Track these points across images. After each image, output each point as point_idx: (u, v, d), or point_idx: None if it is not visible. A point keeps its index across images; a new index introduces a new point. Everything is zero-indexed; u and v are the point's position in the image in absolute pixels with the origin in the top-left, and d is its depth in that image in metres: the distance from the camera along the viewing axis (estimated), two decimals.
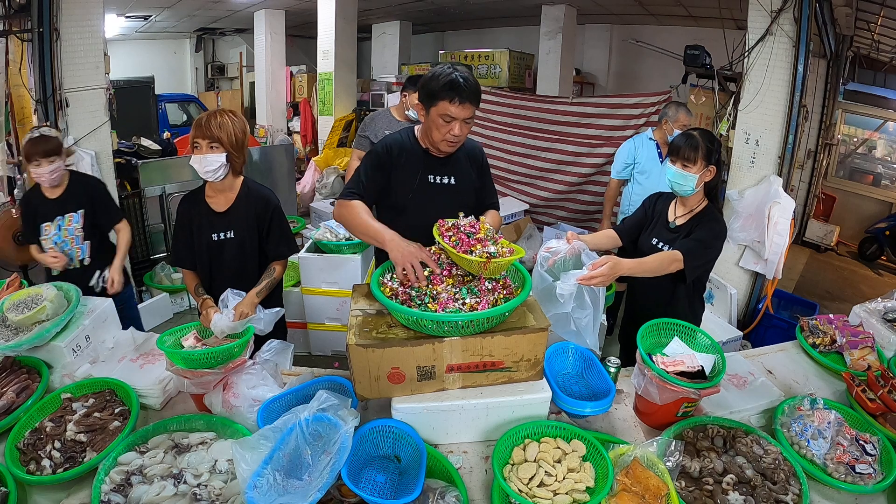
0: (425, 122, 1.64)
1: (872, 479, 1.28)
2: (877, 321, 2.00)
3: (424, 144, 1.71)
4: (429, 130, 1.63)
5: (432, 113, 1.58)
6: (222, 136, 1.72)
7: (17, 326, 1.69)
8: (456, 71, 1.54)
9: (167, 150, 4.96)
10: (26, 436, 1.35)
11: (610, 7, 6.95)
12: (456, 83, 1.51)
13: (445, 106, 1.53)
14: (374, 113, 3.33)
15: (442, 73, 1.55)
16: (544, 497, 1.12)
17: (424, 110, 1.62)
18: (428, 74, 1.60)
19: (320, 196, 5.98)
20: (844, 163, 6.62)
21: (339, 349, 3.19)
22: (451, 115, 1.54)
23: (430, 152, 1.72)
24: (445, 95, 1.52)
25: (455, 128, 1.57)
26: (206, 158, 1.72)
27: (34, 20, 2.96)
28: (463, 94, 1.52)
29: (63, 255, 2.22)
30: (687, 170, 1.78)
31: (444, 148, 1.65)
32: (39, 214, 2.22)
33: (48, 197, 2.22)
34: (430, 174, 1.72)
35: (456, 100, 1.52)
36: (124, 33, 9.48)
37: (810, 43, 2.91)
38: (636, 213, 2.12)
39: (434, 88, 1.54)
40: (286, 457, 1.13)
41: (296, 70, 8.89)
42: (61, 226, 2.24)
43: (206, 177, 1.76)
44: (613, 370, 1.56)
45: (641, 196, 3.18)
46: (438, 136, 1.60)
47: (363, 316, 1.40)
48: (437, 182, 1.73)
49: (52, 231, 2.22)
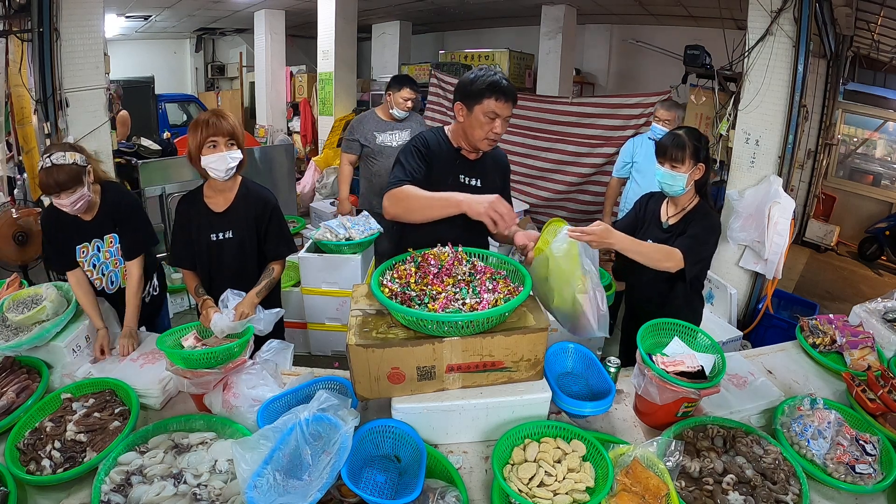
0: (466, 121, 1.67)
1: (872, 479, 1.28)
2: (877, 321, 2.00)
3: (457, 144, 1.75)
4: (470, 129, 1.67)
5: (476, 111, 1.62)
6: (237, 132, 1.76)
7: (17, 326, 1.69)
8: (497, 73, 1.63)
9: (167, 150, 4.97)
10: (26, 436, 1.35)
11: (610, 7, 6.95)
12: (500, 83, 1.60)
13: (491, 104, 1.59)
14: (360, 116, 3.36)
15: (484, 74, 1.62)
16: (544, 497, 1.12)
17: (466, 109, 1.65)
18: (468, 77, 1.65)
19: (320, 196, 5.97)
20: (844, 163, 6.62)
21: (339, 349, 3.19)
22: (495, 113, 1.60)
23: (462, 152, 1.75)
24: (491, 94, 1.59)
25: (497, 125, 1.63)
26: (228, 156, 1.74)
27: (34, 20, 2.96)
28: (507, 93, 1.60)
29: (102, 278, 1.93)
30: (676, 170, 1.79)
31: (484, 146, 1.69)
32: (74, 235, 1.90)
33: (83, 218, 1.89)
34: (462, 174, 1.76)
35: (501, 98, 1.59)
36: (124, 33, 9.48)
37: (810, 43, 2.91)
38: (628, 214, 2.13)
39: (479, 88, 1.60)
40: (286, 457, 1.13)
41: (296, 70, 8.89)
42: (100, 247, 1.95)
43: (223, 175, 1.77)
44: (613, 370, 1.56)
45: (638, 194, 3.18)
46: (481, 133, 1.65)
47: (363, 316, 1.40)
48: (467, 183, 1.76)
49: (91, 252, 1.94)
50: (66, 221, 1.86)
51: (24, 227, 3.25)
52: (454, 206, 1.50)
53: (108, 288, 2.00)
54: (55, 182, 1.69)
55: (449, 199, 1.52)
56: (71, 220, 1.87)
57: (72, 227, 1.89)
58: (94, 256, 1.95)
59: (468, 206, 1.47)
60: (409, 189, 1.59)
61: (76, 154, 1.75)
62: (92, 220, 1.90)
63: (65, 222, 1.87)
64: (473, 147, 1.72)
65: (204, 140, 1.72)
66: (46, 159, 1.71)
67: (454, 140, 1.76)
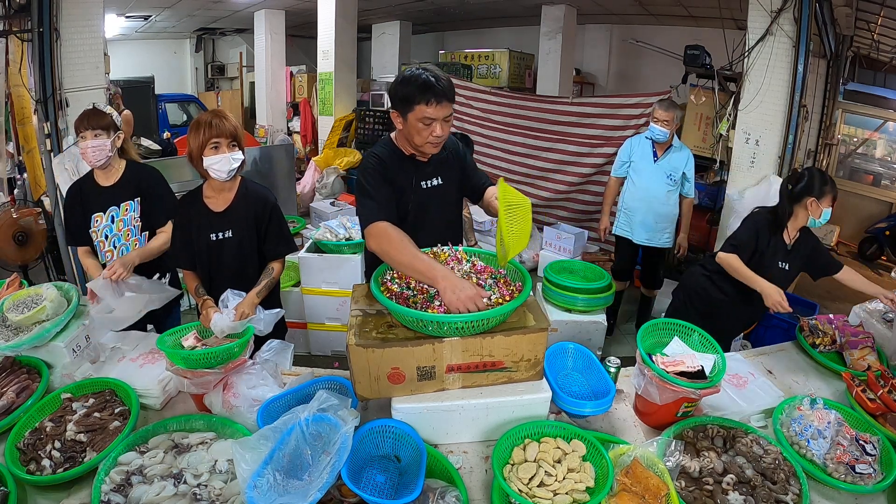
0: (404, 128, 1.58)
1: (872, 479, 1.28)
2: (877, 321, 2.00)
3: (408, 152, 1.67)
4: (410, 137, 1.58)
5: (410, 119, 1.52)
6: (238, 133, 1.77)
7: (17, 326, 1.69)
8: (426, 72, 1.50)
9: (167, 150, 4.98)
10: (26, 436, 1.35)
11: (610, 7, 6.95)
12: (429, 84, 1.47)
13: (423, 109, 1.49)
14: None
15: (412, 76, 1.50)
16: (544, 497, 1.12)
17: (401, 117, 1.55)
18: (397, 79, 1.55)
19: (320, 196, 5.98)
20: (844, 163, 6.62)
21: (339, 349, 3.19)
22: (430, 118, 1.50)
23: (417, 158, 1.69)
24: (421, 99, 1.47)
25: (437, 129, 1.52)
26: (231, 157, 1.75)
27: (34, 20, 2.96)
28: (439, 94, 1.47)
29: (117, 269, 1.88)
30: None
31: (429, 150, 1.61)
32: (91, 203, 2.03)
33: (101, 185, 2.04)
34: (423, 181, 1.71)
35: (433, 101, 1.47)
36: (124, 33, 9.47)
37: (810, 43, 2.92)
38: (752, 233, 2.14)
39: (408, 93, 1.49)
40: (286, 457, 1.13)
41: (296, 70, 8.89)
42: (115, 216, 2.04)
43: (226, 176, 1.77)
44: (613, 370, 1.56)
45: (634, 194, 3.20)
46: (421, 140, 1.55)
47: (363, 316, 1.40)
48: (428, 186, 1.72)
49: (104, 223, 2.03)
50: (87, 190, 2.04)
51: (25, 227, 3.25)
52: (431, 280, 1.32)
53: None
54: (89, 122, 1.95)
55: (430, 270, 1.33)
56: (91, 188, 2.04)
57: (91, 195, 2.04)
58: (107, 227, 2.05)
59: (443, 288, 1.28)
60: (388, 232, 1.46)
61: (115, 113, 2.04)
62: (111, 186, 2.05)
63: (85, 191, 2.05)
64: (419, 152, 1.65)
65: (206, 141, 1.72)
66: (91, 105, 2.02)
67: (403, 147, 1.67)
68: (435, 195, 1.73)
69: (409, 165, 1.68)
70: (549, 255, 3.62)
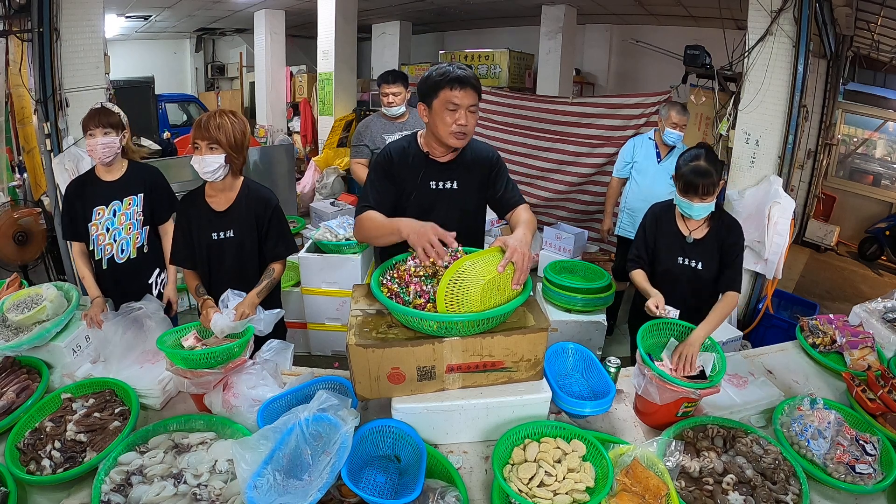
0: (430, 119, 1.61)
1: (872, 479, 1.28)
2: (877, 321, 2.00)
3: (426, 149, 1.69)
4: (435, 127, 1.60)
5: (436, 106, 1.56)
6: (221, 137, 1.72)
7: (18, 326, 1.69)
8: (452, 65, 1.57)
9: (167, 150, 4.99)
10: (26, 436, 1.35)
11: (610, 7, 6.95)
12: (454, 72, 1.54)
13: (447, 94, 1.53)
14: (365, 121, 3.27)
15: (438, 68, 1.58)
16: (544, 497, 1.12)
17: (427, 108, 1.60)
18: (424, 75, 1.60)
19: (320, 196, 5.97)
20: (844, 163, 6.62)
21: (339, 349, 3.19)
22: (454, 103, 1.53)
23: (433, 157, 1.69)
24: (446, 84, 1.53)
25: (461, 116, 1.55)
26: (204, 159, 1.73)
27: (34, 20, 2.95)
28: (463, 81, 1.53)
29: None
30: (707, 200, 1.82)
31: (453, 141, 1.60)
32: (93, 196, 2.08)
33: (104, 179, 2.10)
34: (432, 181, 1.70)
35: (457, 86, 1.53)
36: (124, 33, 9.49)
37: (810, 43, 2.91)
38: (638, 234, 2.10)
39: (433, 81, 1.55)
40: (286, 457, 1.13)
41: (296, 70, 8.89)
42: (117, 210, 2.09)
43: (205, 177, 1.77)
44: (613, 370, 1.56)
45: (637, 194, 3.19)
46: (445, 128, 1.57)
47: (363, 316, 1.40)
48: (439, 188, 1.71)
49: (106, 216, 2.08)
50: (89, 184, 2.09)
51: (25, 227, 3.25)
52: (395, 234, 1.45)
53: (118, 256, 2.13)
54: (98, 120, 2.00)
55: (392, 223, 1.47)
56: (94, 182, 2.09)
57: (94, 190, 2.08)
58: (109, 220, 2.10)
59: (405, 232, 1.40)
60: (367, 217, 1.59)
61: (122, 114, 2.09)
62: (116, 181, 2.10)
63: (87, 186, 2.09)
64: (444, 145, 1.64)
65: (191, 141, 1.77)
66: (98, 103, 2.07)
67: (424, 145, 1.70)
68: (444, 197, 1.71)
69: (420, 163, 1.69)
70: (549, 254, 3.62)
